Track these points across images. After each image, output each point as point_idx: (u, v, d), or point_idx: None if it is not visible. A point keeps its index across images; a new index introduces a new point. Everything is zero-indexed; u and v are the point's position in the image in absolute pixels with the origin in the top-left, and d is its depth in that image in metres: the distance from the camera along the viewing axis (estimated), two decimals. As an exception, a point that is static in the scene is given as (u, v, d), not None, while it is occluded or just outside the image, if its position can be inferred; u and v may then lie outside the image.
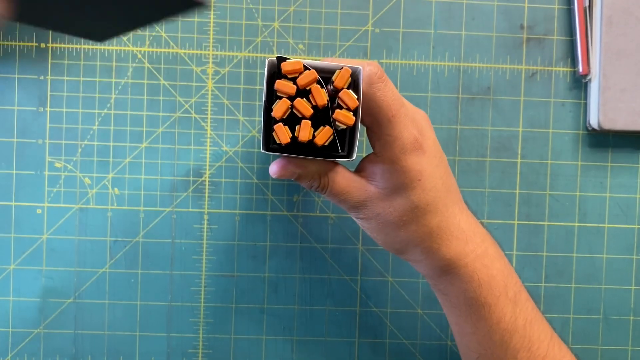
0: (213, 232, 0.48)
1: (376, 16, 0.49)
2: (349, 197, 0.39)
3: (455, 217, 0.39)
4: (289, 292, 0.49)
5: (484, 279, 0.39)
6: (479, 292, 0.39)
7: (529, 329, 0.39)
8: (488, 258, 0.39)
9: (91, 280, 0.48)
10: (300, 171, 0.39)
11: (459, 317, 0.41)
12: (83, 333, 0.48)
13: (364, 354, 0.49)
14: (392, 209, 0.38)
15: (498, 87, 0.49)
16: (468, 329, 0.40)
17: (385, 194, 0.38)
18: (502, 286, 0.39)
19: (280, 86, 0.36)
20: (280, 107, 0.36)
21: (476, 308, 0.39)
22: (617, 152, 0.50)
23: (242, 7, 0.48)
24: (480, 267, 0.39)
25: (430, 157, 0.38)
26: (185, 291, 0.48)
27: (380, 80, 0.37)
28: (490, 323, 0.39)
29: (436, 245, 0.39)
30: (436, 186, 0.38)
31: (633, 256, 0.50)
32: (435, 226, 0.39)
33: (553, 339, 0.41)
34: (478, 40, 0.49)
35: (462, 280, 0.39)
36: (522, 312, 0.40)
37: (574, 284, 0.49)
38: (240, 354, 0.49)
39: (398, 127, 0.37)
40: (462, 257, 0.39)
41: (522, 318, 0.39)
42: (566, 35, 0.49)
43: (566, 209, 0.50)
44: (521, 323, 0.39)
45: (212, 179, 0.48)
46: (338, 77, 0.36)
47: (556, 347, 0.40)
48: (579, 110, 0.49)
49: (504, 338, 0.39)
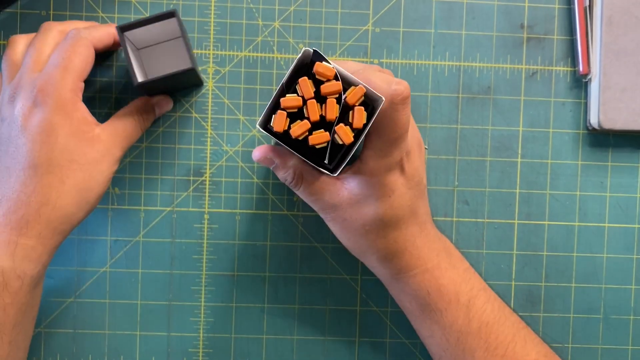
0: (213, 231, 0.48)
1: (376, 16, 0.49)
2: (321, 198, 0.41)
3: (412, 236, 0.42)
4: (289, 292, 0.49)
5: (433, 287, 0.42)
6: (429, 300, 0.42)
7: (484, 331, 0.42)
8: (439, 270, 0.42)
9: (92, 280, 0.48)
10: (279, 161, 0.41)
11: (415, 322, 0.44)
12: (83, 332, 0.48)
13: (364, 354, 0.49)
14: (358, 217, 0.41)
15: (498, 87, 0.49)
16: (425, 332, 0.44)
17: (355, 201, 0.41)
18: (453, 293, 0.42)
19: (286, 103, 0.36)
20: (279, 121, 0.37)
21: (428, 313, 0.42)
22: (618, 151, 0.50)
23: (243, 6, 0.48)
24: (429, 278, 0.42)
25: (408, 180, 0.41)
26: (186, 291, 0.48)
27: (402, 103, 0.38)
28: (444, 326, 0.42)
29: (390, 256, 0.42)
30: (403, 206, 0.41)
31: (633, 255, 0.50)
32: (392, 240, 0.42)
33: (515, 338, 0.42)
34: (478, 40, 0.49)
35: (411, 288, 0.42)
36: (477, 315, 0.42)
37: (574, 284, 0.49)
38: (240, 354, 0.49)
39: (394, 147, 0.39)
40: (410, 269, 0.42)
41: (476, 321, 0.42)
42: (566, 34, 0.49)
43: (566, 209, 0.50)
44: (475, 325, 0.42)
45: (213, 179, 0.48)
46: (351, 93, 0.36)
47: (518, 346, 0.42)
48: (579, 110, 0.49)
49: (459, 339, 0.42)
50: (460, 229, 0.49)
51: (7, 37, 0.48)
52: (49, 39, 0.42)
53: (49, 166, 0.40)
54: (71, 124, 0.40)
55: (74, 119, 0.41)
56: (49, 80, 0.40)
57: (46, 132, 0.40)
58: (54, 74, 0.40)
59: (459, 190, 0.49)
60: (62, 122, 0.40)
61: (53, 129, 0.40)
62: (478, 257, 0.49)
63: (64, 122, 0.40)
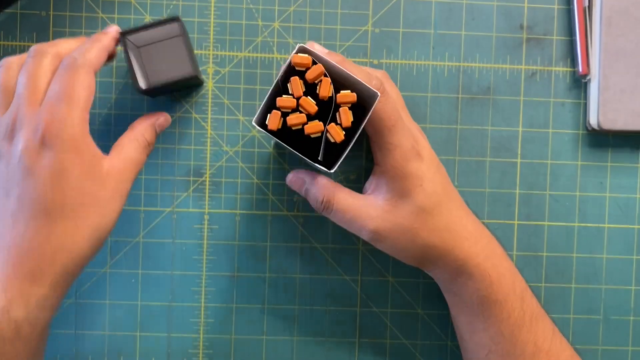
0: (213, 232, 0.48)
1: (376, 16, 0.49)
2: (358, 215, 0.41)
3: (461, 220, 0.42)
4: (289, 292, 0.49)
5: (495, 277, 0.41)
6: (491, 290, 0.41)
7: (534, 324, 0.42)
8: (497, 258, 0.42)
9: (92, 281, 0.48)
10: (308, 180, 0.42)
11: (471, 316, 0.43)
12: (83, 333, 0.48)
13: (364, 354, 0.49)
14: (402, 219, 0.40)
15: (498, 87, 0.49)
16: (480, 325, 0.42)
17: (392, 205, 0.41)
18: (510, 284, 0.42)
19: (281, 102, 0.38)
20: (274, 120, 0.38)
21: (487, 305, 0.41)
22: (617, 152, 0.50)
23: (242, 7, 0.48)
24: (490, 267, 0.41)
25: (429, 164, 0.41)
26: (186, 291, 0.48)
27: (382, 93, 0.39)
28: (501, 319, 0.41)
29: (449, 247, 0.41)
30: (437, 191, 0.41)
31: (633, 256, 0.50)
32: (444, 228, 0.41)
33: (555, 333, 0.43)
34: (478, 41, 0.49)
35: (475, 279, 0.41)
36: (529, 308, 0.42)
37: (574, 284, 0.49)
38: (240, 354, 0.49)
39: (397, 135, 0.39)
40: (473, 257, 0.41)
41: (528, 313, 0.42)
42: (566, 35, 0.49)
43: (566, 209, 0.50)
44: (528, 318, 0.41)
45: (213, 179, 0.48)
46: (342, 95, 0.38)
47: (557, 341, 0.43)
48: (579, 110, 0.50)
49: (513, 332, 0.41)
50: (460, 229, 0.49)
51: (7, 37, 0.48)
52: (44, 65, 0.39)
53: (62, 211, 0.37)
54: (82, 163, 0.38)
55: (85, 158, 0.38)
56: (55, 117, 0.37)
57: (58, 175, 0.37)
58: (58, 109, 0.38)
59: (459, 190, 0.49)
60: (73, 163, 0.38)
61: (65, 170, 0.37)
62: (478, 258, 0.49)
63: (75, 162, 0.38)
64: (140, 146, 0.42)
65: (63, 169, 0.37)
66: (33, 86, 0.39)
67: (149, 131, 0.43)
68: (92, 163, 0.39)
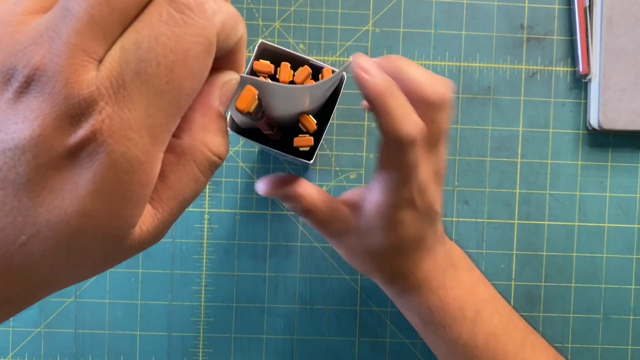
0: (213, 231, 0.48)
1: (376, 16, 0.49)
2: (330, 227, 0.39)
3: (418, 260, 0.40)
4: (289, 292, 0.49)
5: (436, 306, 0.41)
6: (431, 317, 0.41)
7: (492, 343, 0.41)
8: (443, 289, 0.41)
9: (92, 280, 0.48)
10: (288, 192, 0.39)
11: (421, 334, 0.43)
12: (83, 332, 0.48)
13: (364, 354, 0.49)
14: (364, 245, 0.39)
15: (498, 87, 0.49)
16: (431, 344, 0.43)
17: (363, 232, 0.39)
18: (458, 309, 0.41)
19: (259, 67, 0.36)
20: (245, 97, 0.26)
21: (432, 328, 0.41)
22: (617, 152, 0.50)
23: (243, 6, 0.48)
24: (432, 298, 0.41)
25: (418, 213, 0.38)
26: (186, 290, 0.48)
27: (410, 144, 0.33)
28: (448, 340, 0.41)
29: (394, 278, 0.41)
30: (410, 236, 0.38)
31: (633, 256, 0.50)
32: (397, 264, 0.40)
33: (525, 345, 0.42)
34: (478, 40, 0.49)
35: (414, 305, 0.41)
36: (483, 328, 0.41)
37: (574, 284, 0.49)
38: (240, 354, 0.49)
39: (400, 186, 0.36)
40: (414, 289, 0.41)
41: (482, 333, 0.41)
42: (566, 35, 0.49)
43: (566, 209, 0.50)
44: (482, 338, 0.41)
45: (213, 179, 0.48)
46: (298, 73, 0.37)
47: (527, 353, 0.41)
48: (579, 110, 0.49)
49: (465, 353, 0.41)
50: (460, 229, 0.49)
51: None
52: None
53: None
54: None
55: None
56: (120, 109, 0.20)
57: None
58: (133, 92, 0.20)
59: (459, 190, 0.49)
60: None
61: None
62: (478, 257, 0.49)
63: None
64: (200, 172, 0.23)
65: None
66: (104, 4, 0.19)
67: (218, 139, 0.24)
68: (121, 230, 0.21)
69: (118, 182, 0.19)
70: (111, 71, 0.19)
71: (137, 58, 0.19)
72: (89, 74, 0.19)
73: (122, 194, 0.20)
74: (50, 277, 0.21)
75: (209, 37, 0.20)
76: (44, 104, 0.19)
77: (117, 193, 0.20)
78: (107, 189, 0.19)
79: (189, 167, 0.23)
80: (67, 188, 0.19)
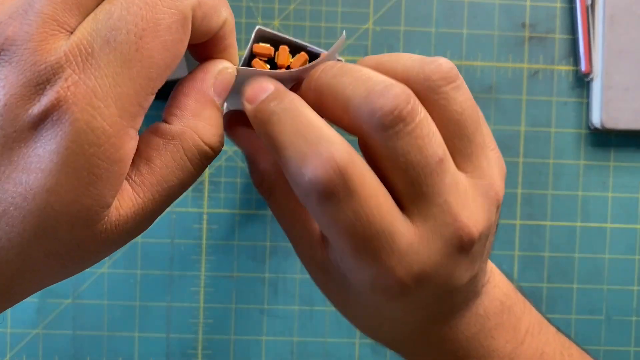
0: (213, 232, 0.48)
1: (377, 14, 0.49)
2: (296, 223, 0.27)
3: None
4: (289, 292, 0.49)
5: None
6: None
7: None
8: None
9: (90, 281, 0.48)
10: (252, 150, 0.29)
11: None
12: (82, 334, 0.48)
13: (364, 354, 0.49)
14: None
15: (500, 86, 0.49)
16: None
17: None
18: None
19: (259, 49, 0.36)
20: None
21: None
22: (620, 151, 0.49)
23: (242, 5, 0.48)
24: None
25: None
26: (185, 291, 0.48)
27: None
28: None
29: None
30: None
31: (635, 256, 0.49)
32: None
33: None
34: (480, 39, 0.49)
35: None
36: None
37: (576, 284, 0.49)
38: (240, 355, 0.48)
39: None
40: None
41: None
42: (568, 33, 0.49)
43: (568, 209, 0.49)
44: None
45: (212, 179, 0.48)
46: (295, 59, 0.36)
47: None
48: (581, 109, 0.49)
49: None
50: (462, 229, 0.49)
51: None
52: None
53: None
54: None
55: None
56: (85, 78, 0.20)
57: None
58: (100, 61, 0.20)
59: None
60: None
61: None
62: (479, 258, 0.49)
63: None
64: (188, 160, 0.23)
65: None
66: None
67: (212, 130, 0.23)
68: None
69: (83, 154, 0.19)
70: (81, 39, 0.19)
71: (108, 26, 0.19)
72: (59, 43, 0.19)
73: (89, 169, 0.19)
74: (23, 267, 0.20)
75: (181, 9, 0.20)
76: (10, 72, 0.19)
77: (84, 168, 0.19)
78: (72, 162, 0.19)
79: (176, 153, 0.22)
80: (33, 161, 0.19)
